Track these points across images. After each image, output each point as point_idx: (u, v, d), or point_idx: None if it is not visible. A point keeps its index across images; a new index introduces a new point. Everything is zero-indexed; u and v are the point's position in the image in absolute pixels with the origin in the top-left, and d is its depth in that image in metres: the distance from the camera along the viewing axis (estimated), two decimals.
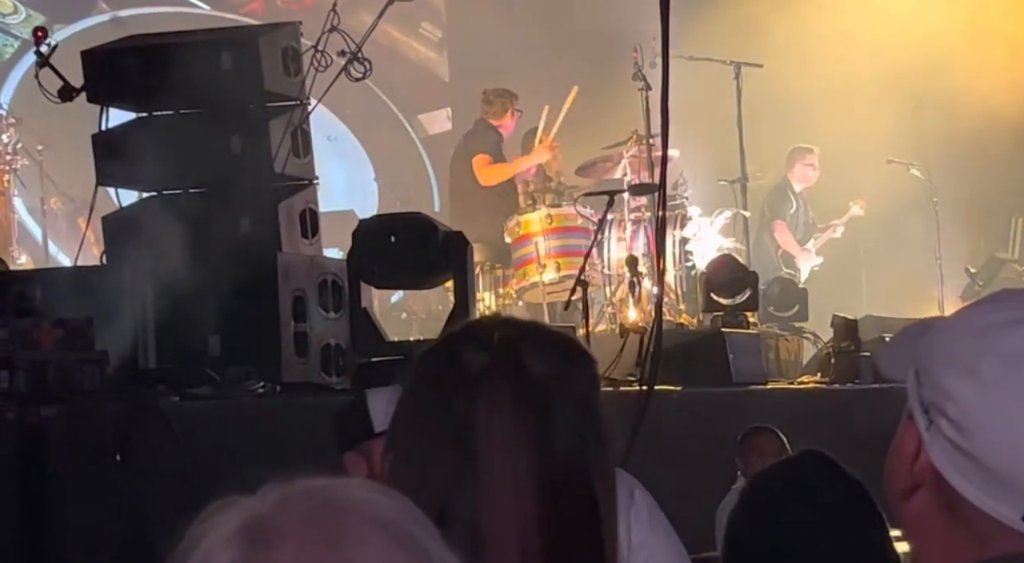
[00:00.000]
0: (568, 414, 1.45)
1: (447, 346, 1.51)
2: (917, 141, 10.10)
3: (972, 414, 1.11)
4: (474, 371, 1.45)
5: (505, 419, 1.43)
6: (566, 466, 1.43)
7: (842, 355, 6.94)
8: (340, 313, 5.76)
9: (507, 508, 1.41)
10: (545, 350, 1.48)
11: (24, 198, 9.15)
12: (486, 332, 1.49)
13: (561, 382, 1.46)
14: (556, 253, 7.76)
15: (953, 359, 1.13)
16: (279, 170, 5.76)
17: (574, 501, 1.43)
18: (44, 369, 4.72)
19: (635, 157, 8.02)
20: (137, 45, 6.01)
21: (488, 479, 1.41)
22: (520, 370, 1.45)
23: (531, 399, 1.44)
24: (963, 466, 1.11)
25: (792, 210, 9.42)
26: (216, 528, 0.89)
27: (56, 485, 4.49)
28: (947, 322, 1.18)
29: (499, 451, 1.42)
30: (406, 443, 1.47)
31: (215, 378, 5.20)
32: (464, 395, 1.44)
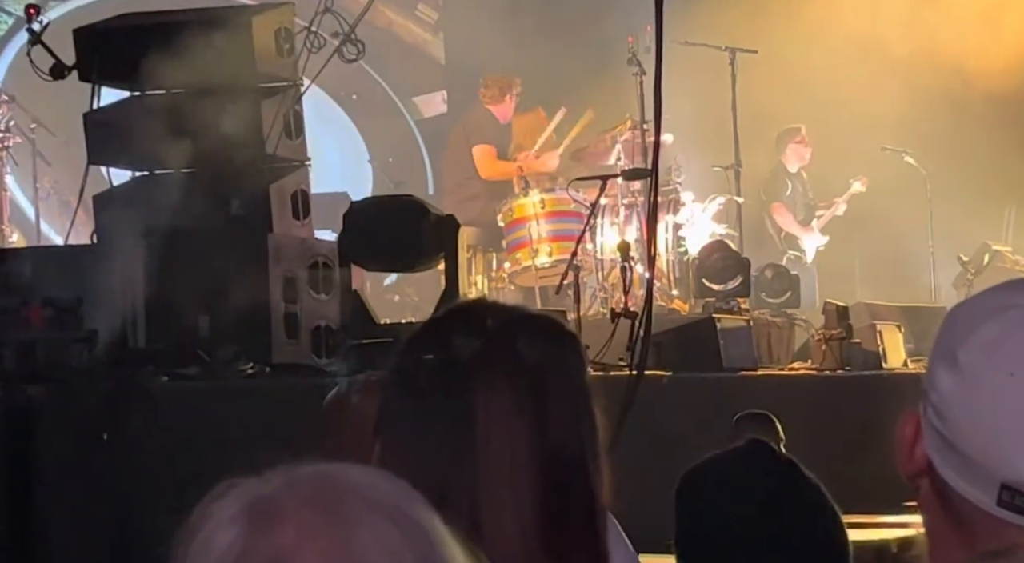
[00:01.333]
0: (562, 397, 1.46)
1: (436, 331, 1.50)
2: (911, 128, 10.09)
3: (949, 401, 1.12)
4: (469, 357, 1.44)
5: (503, 404, 1.43)
6: (562, 449, 1.44)
7: (833, 342, 6.95)
8: (331, 295, 5.76)
9: (505, 492, 1.42)
10: (536, 334, 1.48)
11: (16, 176, 9.13)
12: (477, 317, 1.49)
13: (554, 365, 1.47)
14: (549, 237, 7.75)
15: (939, 348, 1.15)
16: (271, 151, 5.75)
17: (571, 483, 1.44)
18: (32, 348, 4.72)
19: (629, 142, 8.02)
20: (129, 24, 5.99)
21: (487, 464, 1.42)
22: (515, 355, 1.45)
23: (527, 383, 1.45)
24: (945, 452, 1.12)
25: (788, 192, 9.44)
26: (220, 509, 0.91)
27: (43, 464, 4.48)
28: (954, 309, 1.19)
29: (497, 436, 1.42)
30: (399, 429, 1.46)
31: (205, 359, 5.19)
32: (460, 381, 1.44)
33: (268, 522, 0.89)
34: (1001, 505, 1.09)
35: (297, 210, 5.86)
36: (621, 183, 7.69)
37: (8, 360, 4.68)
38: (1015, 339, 1.10)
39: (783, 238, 9.40)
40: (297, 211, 5.86)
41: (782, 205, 9.41)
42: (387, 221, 5.68)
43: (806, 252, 9.38)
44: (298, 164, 5.97)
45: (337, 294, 5.76)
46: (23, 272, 5.32)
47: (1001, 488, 1.09)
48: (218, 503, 0.91)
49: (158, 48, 5.61)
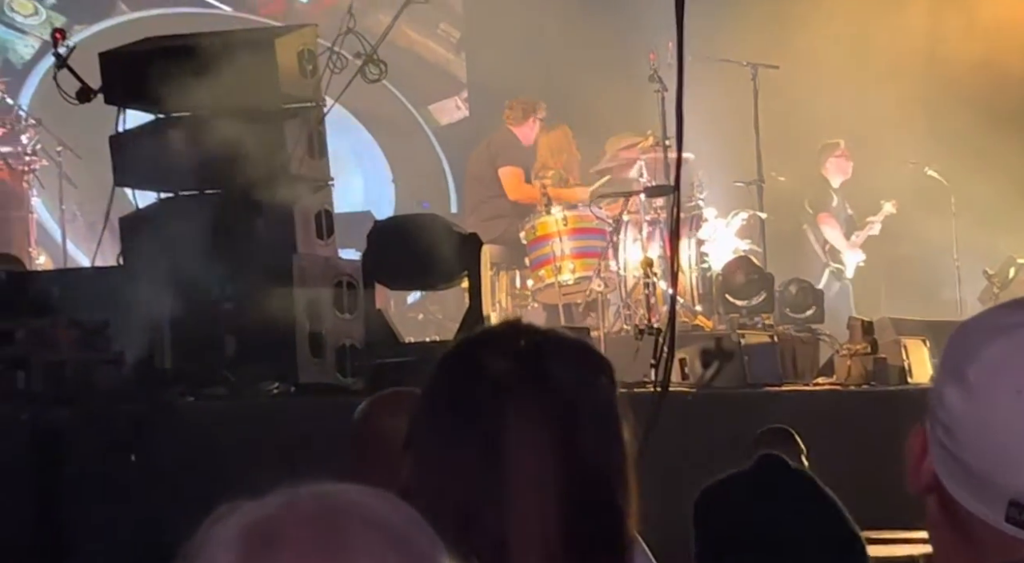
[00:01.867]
0: (592, 421, 1.46)
1: (468, 351, 1.51)
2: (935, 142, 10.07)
3: (957, 417, 1.12)
4: (499, 378, 1.45)
5: (533, 427, 1.43)
6: (590, 473, 1.44)
7: (858, 356, 6.93)
8: (355, 314, 5.78)
9: (532, 516, 1.42)
10: (568, 357, 1.48)
11: (43, 199, 9.20)
12: (509, 338, 1.49)
13: (584, 389, 1.47)
14: (572, 254, 7.76)
15: (947, 364, 1.15)
16: (295, 171, 5.78)
17: (598, 507, 1.44)
18: (60, 369, 4.75)
19: (651, 159, 8.02)
20: (154, 47, 6.04)
21: (514, 485, 1.42)
22: (546, 377, 1.45)
23: (557, 407, 1.45)
24: (952, 468, 1.12)
25: (834, 204, 9.45)
26: (220, 531, 0.91)
27: (71, 485, 4.51)
28: (960, 326, 1.20)
29: (526, 459, 1.43)
30: (429, 449, 1.47)
31: (230, 378, 5.22)
32: (490, 403, 1.44)
33: (266, 546, 0.89)
34: (1009, 521, 1.09)
35: (321, 230, 5.89)
36: (644, 200, 7.70)
37: (36, 382, 4.71)
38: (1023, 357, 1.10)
39: (827, 250, 9.40)
40: (321, 231, 5.89)
41: (830, 215, 9.42)
42: (410, 240, 5.70)
43: (847, 266, 9.37)
44: (322, 184, 5.99)
45: (361, 313, 5.78)
46: (50, 294, 5.36)
47: (1009, 504, 1.09)
48: (218, 526, 0.91)
49: (182, 70, 5.65)
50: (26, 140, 8.99)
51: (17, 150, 8.98)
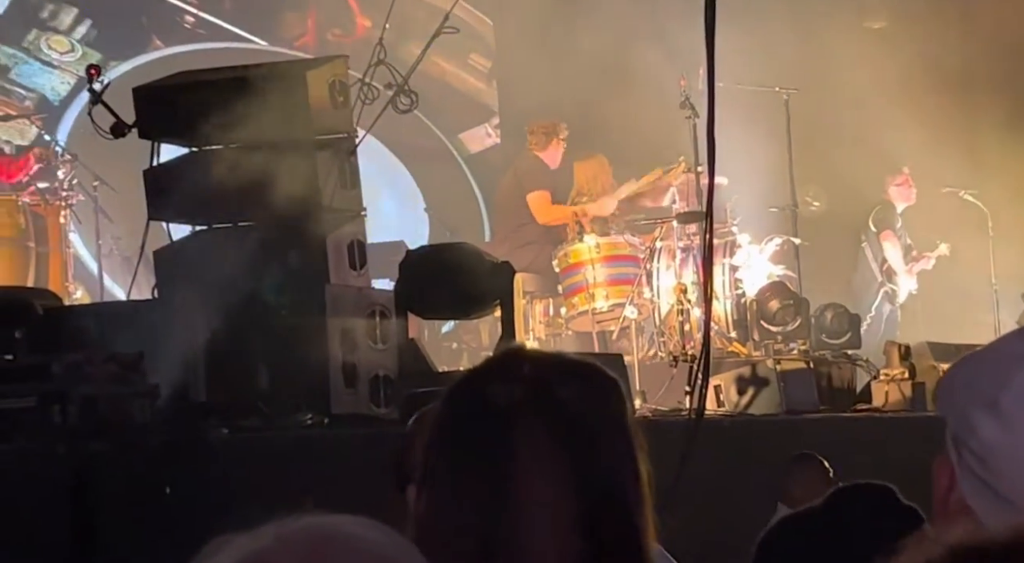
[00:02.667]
0: (603, 442, 1.45)
1: (475, 381, 1.50)
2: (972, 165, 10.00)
3: (992, 447, 1.09)
4: (506, 405, 1.44)
5: (542, 452, 1.42)
6: (605, 494, 1.43)
7: (895, 382, 6.86)
8: (388, 344, 5.78)
9: (549, 541, 1.41)
10: (574, 379, 1.48)
11: (80, 233, 9.27)
12: (514, 364, 1.49)
13: (592, 410, 1.46)
14: (605, 281, 7.75)
15: (976, 392, 1.12)
16: (327, 202, 5.80)
17: (615, 529, 1.43)
18: (96, 403, 4.77)
19: (683, 185, 8.01)
20: (187, 81, 6.09)
21: (529, 513, 1.41)
22: (553, 401, 1.45)
23: (567, 430, 1.44)
24: (988, 499, 1.10)
25: (899, 225, 9.43)
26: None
27: (107, 518, 4.52)
28: (977, 354, 1.17)
29: (537, 483, 1.42)
30: (441, 479, 1.46)
31: (264, 410, 5.22)
32: (499, 429, 1.44)
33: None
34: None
35: (354, 260, 5.90)
36: (676, 226, 7.68)
37: (72, 416, 4.73)
38: None
39: (884, 269, 9.34)
40: (354, 261, 5.90)
41: (893, 234, 9.38)
42: (443, 269, 5.70)
43: (900, 289, 9.33)
44: (354, 215, 6.01)
45: (394, 343, 5.78)
46: (87, 328, 5.39)
47: None
48: (210, 560, 0.89)
49: (215, 104, 5.70)
50: (62, 175, 9.08)
51: (54, 185, 9.07)
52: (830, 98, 9.38)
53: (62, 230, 8.94)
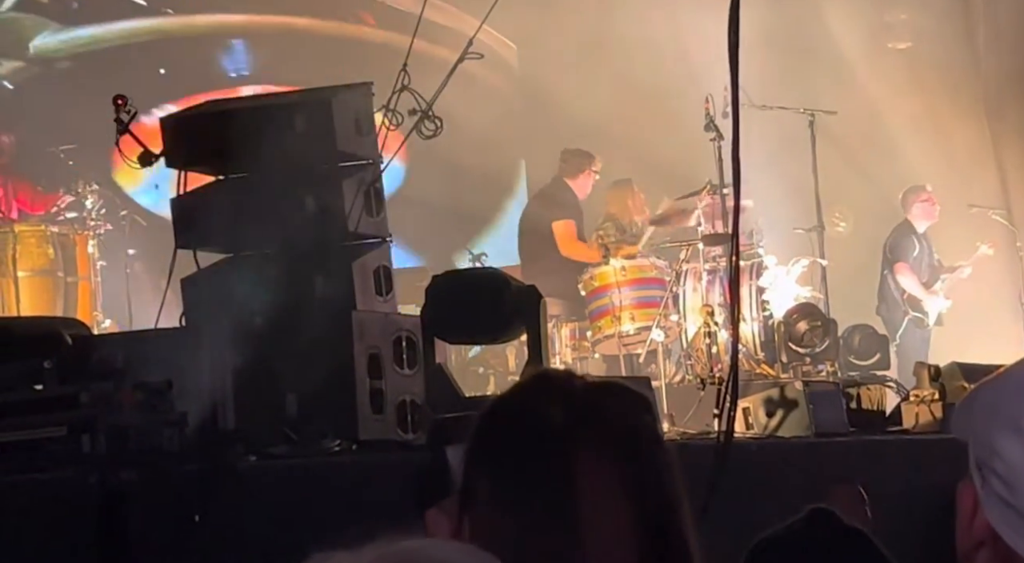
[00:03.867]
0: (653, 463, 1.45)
1: (524, 400, 1.49)
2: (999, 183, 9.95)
3: (1017, 471, 1.08)
4: (561, 425, 1.43)
5: (601, 474, 1.42)
6: (661, 514, 1.43)
7: (925, 403, 6.81)
8: (415, 369, 5.78)
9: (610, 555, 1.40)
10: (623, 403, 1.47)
11: (108, 262, 9.33)
12: (564, 385, 1.48)
13: (642, 434, 1.46)
14: (632, 304, 7.74)
15: (999, 415, 1.10)
16: (352, 229, 5.82)
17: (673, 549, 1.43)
18: (125, 432, 4.78)
19: (709, 207, 8.00)
20: (213, 110, 6.13)
21: (591, 534, 1.40)
22: (606, 422, 1.44)
23: (621, 453, 1.44)
24: (1015, 523, 1.08)
25: (915, 252, 9.35)
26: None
27: (137, 548, 4.53)
28: (998, 378, 1.15)
29: (599, 505, 1.41)
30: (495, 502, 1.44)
31: (292, 437, 5.23)
32: (556, 451, 1.42)
33: None
34: None
35: (380, 286, 5.91)
36: (702, 248, 7.67)
37: (101, 445, 4.75)
38: None
39: (905, 299, 9.30)
40: (380, 287, 5.91)
41: (906, 265, 9.32)
42: (469, 294, 5.71)
43: (928, 315, 9.26)
44: (380, 241, 6.03)
45: (421, 368, 5.78)
46: (115, 357, 5.41)
47: None
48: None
49: (241, 133, 5.73)
50: (90, 205, 9.14)
51: (82, 215, 9.14)
52: (856, 118, 9.35)
53: (91, 259, 9.00)
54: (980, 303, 9.88)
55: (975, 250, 9.45)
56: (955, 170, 9.71)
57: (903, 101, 10.04)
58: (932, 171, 9.69)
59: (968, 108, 10.00)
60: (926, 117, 10.07)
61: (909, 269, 9.29)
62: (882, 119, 9.99)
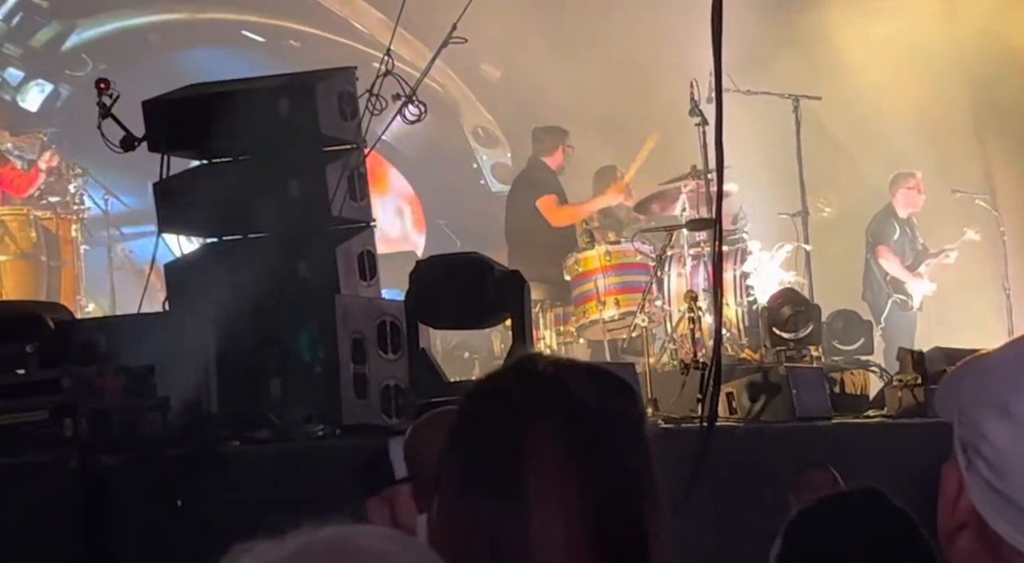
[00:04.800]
0: (616, 448, 1.45)
1: (494, 383, 1.50)
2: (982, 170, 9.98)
3: (1005, 454, 1.07)
4: (522, 405, 1.44)
5: (555, 452, 1.42)
6: (617, 499, 1.43)
7: (908, 388, 6.84)
8: (399, 354, 5.78)
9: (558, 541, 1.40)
10: (592, 385, 1.47)
11: (91, 247, 9.29)
12: (532, 368, 1.48)
13: (609, 416, 1.46)
14: (615, 290, 7.74)
15: (987, 397, 1.10)
16: (336, 213, 5.81)
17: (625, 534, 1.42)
18: (107, 417, 4.77)
19: (693, 192, 8.00)
20: (196, 94, 6.10)
21: (539, 512, 1.40)
22: (568, 404, 1.44)
23: (580, 432, 1.44)
24: (1000, 507, 1.08)
25: (896, 236, 9.39)
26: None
27: (120, 532, 4.52)
28: (985, 359, 1.15)
29: (549, 483, 1.41)
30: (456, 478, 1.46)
31: (276, 422, 5.22)
32: (513, 429, 1.43)
33: None
34: None
35: (364, 271, 5.90)
36: (687, 233, 7.67)
37: (83, 429, 4.74)
38: None
39: (888, 281, 9.33)
40: (364, 272, 5.90)
41: (887, 249, 9.36)
42: (453, 279, 5.70)
43: (912, 297, 9.30)
44: (364, 225, 6.01)
45: (405, 353, 5.78)
46: (98, 342, 5.39)
47: None
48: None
49: (224, 117, 5.71)
50: (73, 189, 9.10)
51: (65, 199, 9.10)
52: (840, 103, 9.36)
53: (74, 244, 8.97)
54: (964, 288, 9.91)
55: (961, 235, 9.49)
56: (940, 156, 9.73)
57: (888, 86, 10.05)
58: (917, 157, 9.70)
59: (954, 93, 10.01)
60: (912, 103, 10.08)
61: (890, 251, 9.33)
62: (867, 105, 10.00)
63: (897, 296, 9.24)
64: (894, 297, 9.23)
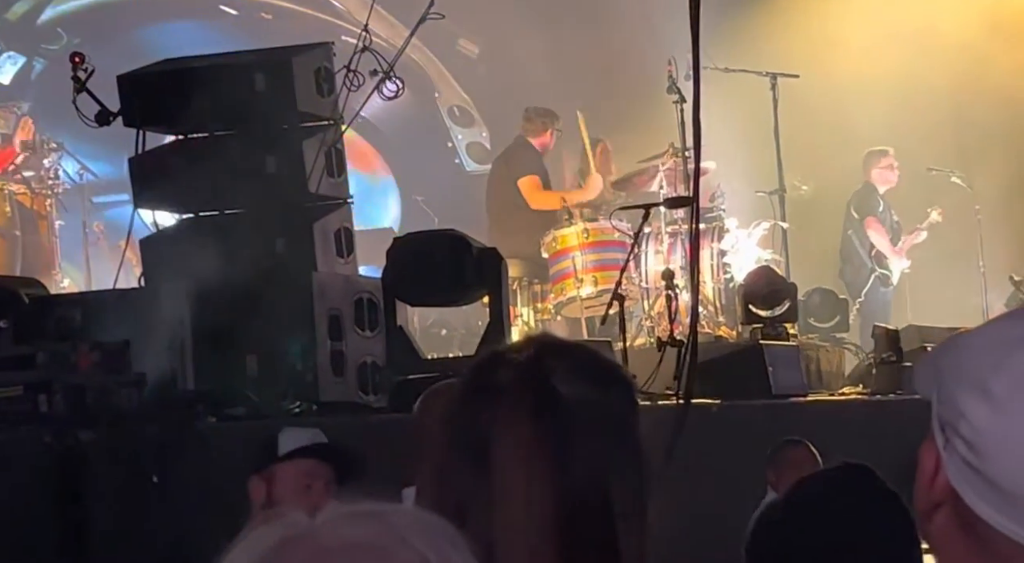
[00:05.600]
0: (595, 436, 1.43)
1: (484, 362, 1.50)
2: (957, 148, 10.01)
3: (983, 433, 1.07)
4: (500, 385, 1.44)
5: (523, 434, 1.41)
6: (585, 487, 1.41)
7: (883, 366, 6.87)
8: (376, 331, 5.77)
9: (520, 523, 1.39)
10: (580, 371, 1.46)
11: (66, 222, 9.24)
12: (521, 349, 1.48)
13: (591, 404, 1.44)
14: (593, 267, 7.74)
15: (967, 376, 1.10)
16: (313, 190, 5.79)
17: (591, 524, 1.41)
18: (82, 392, 4.75)
19: (671, 170, 8.00)
20: (172, 69, 6.06)
21: (501, 491, 1.40)
22: (545, 387, 1.43)
23: (552, 417, 1.42)
24: (977, 485, 1.08)
25: (880, 209, 9.42)
26: (260, 534, 0.92)
27: (94, 507, 4.51)
28: (965, 337, 1.15)
29: (513, 464, 1.41)
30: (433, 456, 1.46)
31: (252, 398, 5.21)
32: (487, 408, 1.43)
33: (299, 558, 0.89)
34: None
35: (341, 248, 5.89)
36: (664, 211, 7.67)
37: (58, 405, 4.72)
38: None
39: (872, 255, 9.36)
40: (341, 249, 5.89)
41: (876, 220, 9.40)
42: (430, 256, 5.69)
43: (893, 272, 9.35)
44: (341, 202, 6.00)
45: (383, 331, 5.77)
46: (73, 317, 5.37)
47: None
48: (261, 530, 0.92)
49: (201, 92, 5.67)
50: (48, 164, 9.04)
51: (40, 174, 9.04)
52: (817, 81, 9.36)
53: (48, 219, 8.92)
54: (939, 266, 9.96)
55: (926, 216, 9.54)
56: (917, 133, 9.75)
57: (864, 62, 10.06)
58: (893, 134, 9.72)
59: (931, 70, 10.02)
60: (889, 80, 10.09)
61: (879, 223, 9.37)
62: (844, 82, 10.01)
63: (880, 271, 9.29)
64: (877, 272, 9.27)
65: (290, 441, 3.32)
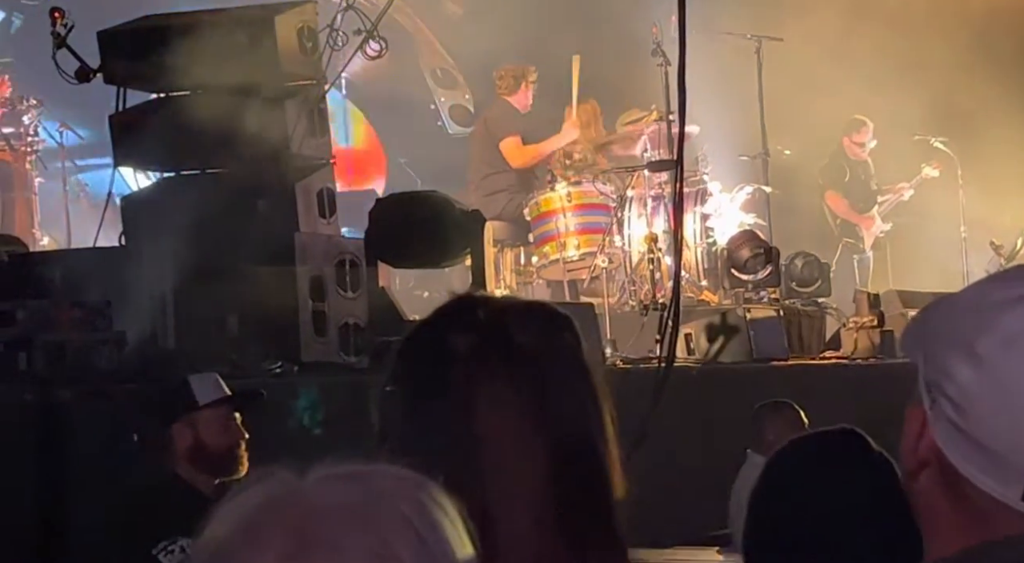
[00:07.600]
0: (563, 383, 1.44)
1: (430, 330, 1.48)
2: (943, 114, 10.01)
3: (969, 394, 1.08)
4: (465, 351, 1.43)
5: (504, 396, 1.41)
6: (569, 432, 1.42)
7: (865, 330, 6.90)
8: (358, 292, 5.76)
9: (515, 483, 1.40)
10: (529, 322, 1.46)
11: (46, 179, 9.17)
12: (468, 311, 1.47)
13: (549, 349, 1.45)
14: (576, 230, 7.73)
15: (953, 337, 1.11)
16: (295, 150, 5.75)
17: (581, 466, 1.42)
18: (62, 350, 4.73)
19: (655, 133, 7.98)
20: (153, 25, 6.00)
21: (494, 457, 1.40)
22: (510, 344, 1.43)
23: (525, 372, 1.43)
24: (963, 446, 1.09)
25: (846, 178, 9.46)
26: (247, 494, 0.92)
27: (73, 466, 4.50)
28: (952, 298, 1.15)
29: (501, 428, 1.41)
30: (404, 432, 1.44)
31: (233, 358, 5.20)
32: (459, 376, 1.42)
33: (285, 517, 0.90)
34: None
35: (323, 208, 5.87)
36: (648, 175, 7.66)
37: (38, 363, 4.70)
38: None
39: (838, 224, 9.42)
40: (323, 209, 5.86)
41: (835, 193, 9.46)
42: (412, 217, 5.68)
43: (864, 239, 9.40)
44: (323, 162, 5.96)
45: (364, 292, 5.76)
46: (53, 275, 5.34)
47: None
48: (248, 489, 0.92)
49: (182, 49, 5.62)
50: (27, 121, 8.96)
51: (19, 131, 8.96)
52: (801, 45, 9.34)
53: (28, 176, 8.85)
54: (920, 231, 9.99)
55: (918, 172, 9.57)
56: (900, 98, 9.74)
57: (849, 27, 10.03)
58: (878, 100, 9.72)
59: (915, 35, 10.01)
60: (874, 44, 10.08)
61: (837, 195, 9.44)
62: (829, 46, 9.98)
63: (847, 239, 9.34)
64: (844, 240, 9.32)
65: (206, 389, 3.76)
